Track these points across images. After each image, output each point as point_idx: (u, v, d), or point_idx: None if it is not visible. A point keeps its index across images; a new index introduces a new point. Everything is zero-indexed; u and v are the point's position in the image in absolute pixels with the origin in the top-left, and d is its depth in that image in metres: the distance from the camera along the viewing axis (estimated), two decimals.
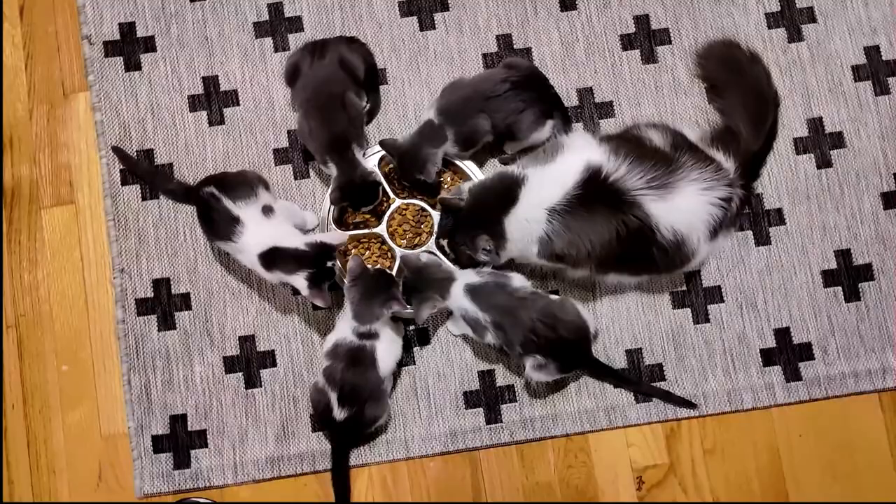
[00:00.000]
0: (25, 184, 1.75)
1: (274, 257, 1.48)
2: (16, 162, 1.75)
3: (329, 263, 1.48)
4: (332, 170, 1.59)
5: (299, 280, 1.47)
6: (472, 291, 1.51)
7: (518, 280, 1.55)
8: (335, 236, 1.52)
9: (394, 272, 1.62)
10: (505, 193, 1.49)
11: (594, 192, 1.44)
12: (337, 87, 1.59)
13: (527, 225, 1.47)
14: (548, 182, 1.47)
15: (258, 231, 1.51)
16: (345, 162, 1.57)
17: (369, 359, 1.52)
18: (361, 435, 1.61)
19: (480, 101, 1.57)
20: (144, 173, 1.72)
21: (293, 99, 1.67)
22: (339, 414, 1.52)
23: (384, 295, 1.50)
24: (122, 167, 1.73)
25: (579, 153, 1.49)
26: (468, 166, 1.66)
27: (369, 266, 1.61)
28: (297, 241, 1.49)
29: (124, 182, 1.73)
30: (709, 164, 1.49)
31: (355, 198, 1.60)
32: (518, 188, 1.48)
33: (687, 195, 1.45)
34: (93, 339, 1.70)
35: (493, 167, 1.72)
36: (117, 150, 1.72)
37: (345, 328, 1.54)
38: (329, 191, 1.60)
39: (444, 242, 1.58)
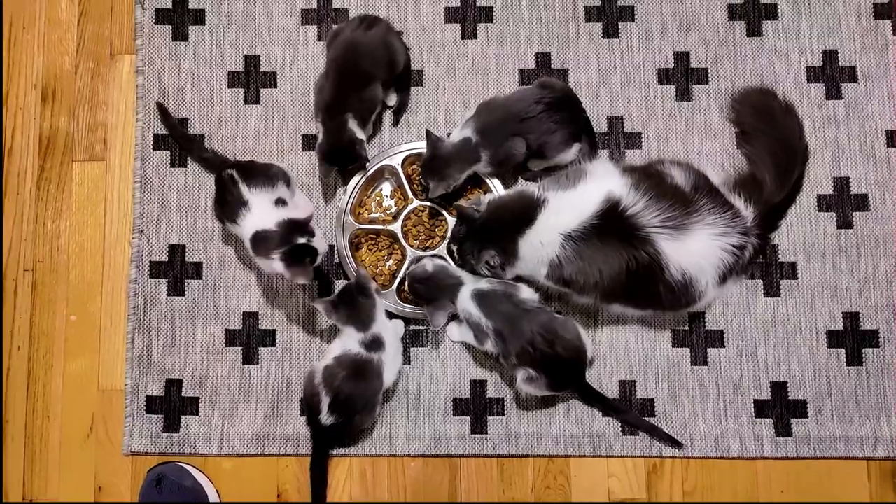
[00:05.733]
0: (61, 135, 1.80)
1: (256, 241, 1.46)
2: (55, 113, 1.81)
3: (301, 239, 1.42)
4: (320, 131, 1.60)
5: (276, 262, 1.43)
6: (479, 297, 1.53)
7: (526, 292, 1.56)
8: (303, 208, 1.48)
9: (402, 271, 1.65)
10: (523, 213, 1.50)
11: (610, 224, 1.45)
12: (369, 65, 1.60)
13: (540, 247, 1.48)
14: (567, 207, 1.48)
15: (259, 215, 1.49)
16: (333, 123, 1.57)
17: (374, 372, 1.52)
18: (343, 440, 1.63)
19: (515, 123, 1.58)
20: (181, 137, 1.75)
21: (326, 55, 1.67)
22: (325, 419, 1.52)
23: (363, 293, 1.52)
24: (159, 131, 1.77)
25: (601, 183, 1.49)
26: (492, 182, 1.67)
27: (373, 266, 1.68)
28: (269, 223, 1.45)
29: (156, 147, 1.77)
30: (726, 209, 1.49)
31: (338, 157, 1.60)
32: (537, 209, 1.49)
33: (700, 238, 1.45)
34: (104, 294, 1.75)
35: (519, 184, 1.73)
36: (160, 107, 1.76)
37: (350, 343, 1.54)
38: (316, 147, 1.62)
39: (455, 248, 1.60)
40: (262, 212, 1.50)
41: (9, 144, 1.79)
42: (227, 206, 1.54)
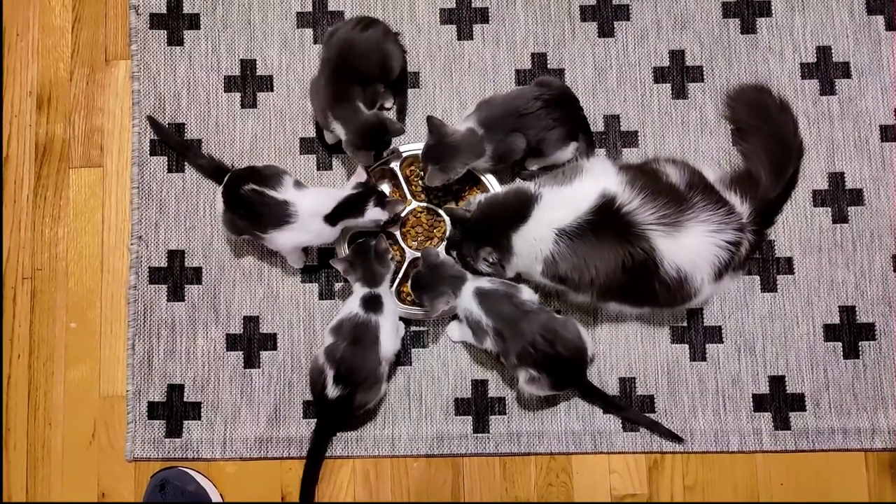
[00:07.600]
0: (58, 142, 1.79)
1: (338, 213, 1.57)
2: (51, 120, 1.80)
3: (379, 189, 1.62)
4: (337, 128, 1.60)
5: (371, 212, 1.58)
6: (481, 295, 1.54)
7: (527, 293, 1.57)
8: (362, 173, 1.62)
9: (400, 274, 1.65)
10: (517, 209, 1.51)
11: (605, 221, 1.46)
12: (363, 66, 1.60)
13: (534, 243, 1.49)
14: (561, 203, 1.49)
15: (309, 201, 1.57)
16: (346, 114, 1.58)
17: (372, 337, 1.54)
18: (348, 418, 1.63)
19: (515, 119, 1.59)
20: (176, 144, 1.75)
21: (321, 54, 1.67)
22: (331, 391, 1.54)
23: (374, 249, 1.57)
24: (154, 137, 1.77)
25: (597, 180, 1.50)
26: (489, 180, 1.68)
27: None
28: (344, 193, 1.59)
29: (153, 152, 1.77)
30: (721, 206, 1.50)
31: (374, 139, 1.60)
32: (531, 206, 1.50)
33: (694, 235, 1.46)
34: (103, 300, 1.75)
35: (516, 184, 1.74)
36: (151, 120, 1.76)
37: (352, 303, 1.57)
38: (344, 143, 1.60)
39: (454, 252, 1.61)
40: (304, 197, 1.57)
41: (5, 152, 1.79)
42: (265, 216, 1.55)
